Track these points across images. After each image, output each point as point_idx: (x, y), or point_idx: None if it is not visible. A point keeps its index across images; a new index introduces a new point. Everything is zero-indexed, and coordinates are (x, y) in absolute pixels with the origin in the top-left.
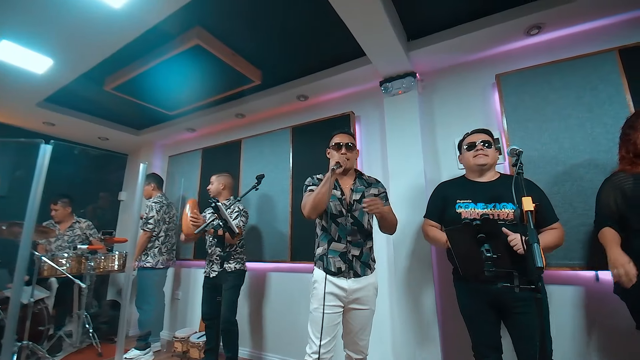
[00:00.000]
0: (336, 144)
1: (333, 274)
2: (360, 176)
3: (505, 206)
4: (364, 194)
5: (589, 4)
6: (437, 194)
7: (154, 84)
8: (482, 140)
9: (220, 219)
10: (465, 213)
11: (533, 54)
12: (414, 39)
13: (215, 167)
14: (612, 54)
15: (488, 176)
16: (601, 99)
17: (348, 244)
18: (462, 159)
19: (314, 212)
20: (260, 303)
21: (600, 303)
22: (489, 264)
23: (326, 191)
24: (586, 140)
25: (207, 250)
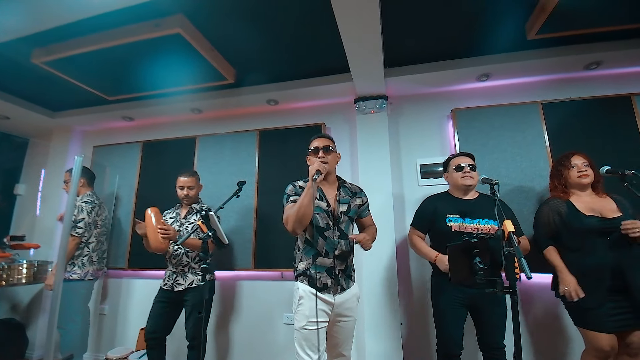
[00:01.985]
0: (314, 148)
1: (319, 290)
2: (344, 184)
3: (488, 222)
4: (350, 205)
5: (527, 64)
6: (427, 207)
7: (103, 65)
8: (469, 163)
9: (210, 229)
10: (455, 227)
11: (481, 96)
12: (390, 67)
13: (162, 165)
14: (537, 105)
15: (471, 194)
16: (528, 140)
17: (335, 259)
18: (449, 177)
19: (299, 226)
20: (221, 313)
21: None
22: (481, 274)
23: (309, 202)
24: (516, 171)
25: (170, 260)
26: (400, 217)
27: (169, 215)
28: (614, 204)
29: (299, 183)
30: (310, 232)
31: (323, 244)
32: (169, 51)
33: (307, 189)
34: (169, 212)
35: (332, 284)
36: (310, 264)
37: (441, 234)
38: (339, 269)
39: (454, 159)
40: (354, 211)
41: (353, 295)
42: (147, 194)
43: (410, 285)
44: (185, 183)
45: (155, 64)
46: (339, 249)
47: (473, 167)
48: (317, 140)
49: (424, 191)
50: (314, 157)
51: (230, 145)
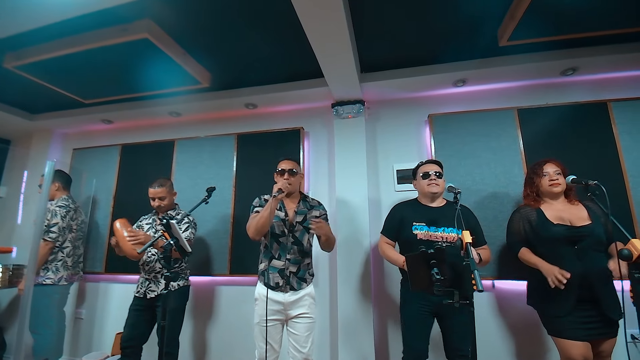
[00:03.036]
0: (281, 170)
1: (272, 289)
2: (305, 199)
3: (452, 230)
4: (306, 216)
5: (502, 70)
6: (395, 215)
7: (76, 70)
8: (435, 171)
9: (172, 237)
10: (421, 234)
11: (458, 101)
12: (367, 72)
13: (140, 168)
14: (512, 111)
15: (437, 202)
16: (502, 146)
17: (287, 261)
18: (417, 185)
19: (257, 234)
20: (198, 318)
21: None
22: (438, 285)
23: (268, 215)
24: (491, 177)
25: (143, 265)
26: (376, 223)
27: (145, 221)
28: (585, 211)
29: (265, 197)
30: (268, 238)
31: (277, 248)
32: (141, 55)
33: (268, 204)
34: (146, 218)
35: (283, 283)
36: (267, 265)
37: (408, 241)
38: (291, 271)
39: (422, 166)
40: (310, 222)
41: (305, 295)
42: (124, 198)
43: (385, 291)
44: (156, 194)
45: (128, 68)
46: (292, 253)
47: (439, 174)
48: (284, 162)
49: (401, 196)
50: (280, 178)
51: (208, 149)
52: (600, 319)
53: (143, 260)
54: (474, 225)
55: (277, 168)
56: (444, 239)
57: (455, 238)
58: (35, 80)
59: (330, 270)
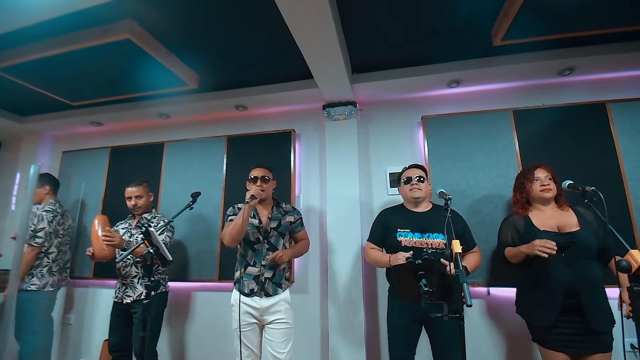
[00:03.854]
0: (253, 177)
1: (247, 295)
2: (278, 205)
3: (437, 236)
4: (280, 222)
5: (497, 70)
6: (380, 222)
7: (61, 72)
8: (417, 175)
9: (152, 246)
10: (405, 241)
11: (452, 102)
12: (358, 72)
13: (129, 171)
14: (508, 113)
15: (422, 206)
16: (498, 149)
17: (262, 267)
18: (401, 190)
19: (232, 242)
20: (183, 327)
21: (494, 312)
22: (426, 297)
23: (242, 222)
24: (485, 180)
25: (119, 270)
26: (367, 227)
27: (121, 226)
28: (575, 217)
29: (239, 205)
30: (242, 245)
31: (252, 255)
32: (124, 57)
33: (242, 210)
34: (122, 223)
35: (258, 289)
36: (242, 273)
37: (393, 248)
38: (266, 277)
39: (405, 171)
40: (285, 227)
41: (281, 300)
42: (113, 201)
43: (377, 297)
44: (132, 193)
45: (113, 69)
46: (267, 259)
47: (421, 178)
48: (256, 170)
49: (393, 199)
50: (252, 185)
51: (198, 152)
52: (584, 331)
53: (119, 265)
54: (462, 229)
55: (249, 175)
56: (430, 246)
57: (439, 244)
58: (20, 82)
59: (320, 276)
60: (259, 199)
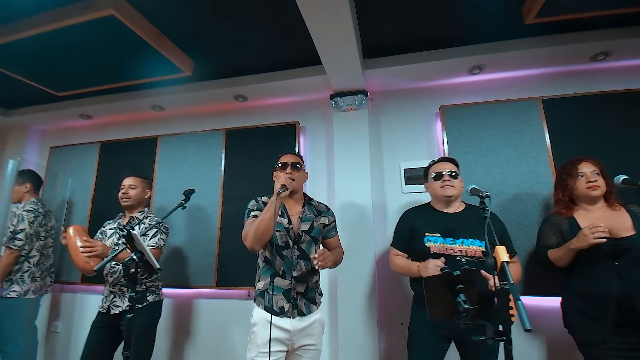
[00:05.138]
0: (282, 164)
1: (276, 314)
2: (310, 202)
3: (473, 242)
4: (313, 224)
5: (524, 55)
6: (404, 224)
7: (40, 56)
8: (449, 170)
9: (135, 251)
10: (434, 247)
11: (473, 91)
12: (370, 58)
13: (120, 167)
14: (536, 102)
15: (454, 207)
16: (526, 141)
17: (293, 280)
18: (429, 187)
19: (258, 243)
20: (179, 337)
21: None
22: (466, 316)
23: (270, 218)
24: (513, 177)
25: (107, 277)
26: (381, 229)
27: (109, 226)
28: (630, 219)
29: (262, 199)
30: (269, 250)
31: (281, 264)
32: (111, 38)
33: (270, 203)
34: (110, 223)
35: (289, 307)
36: (268, 285)
37: (420, 255)
38: (298, 292)
39: (433, 165)
40: (318, 230)
41: (315, 322)
42: (103, 200)
43: (393, 309)
44: (127, 182)
45: (98, 53)
46: (298, 270)
47: (454, 174)
48: (286, 156)
49: (409, 199)
50: (282, 173)
51: (194, 147)
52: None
53: (107, 270)
54: (500, 234)
55: (278, 162)
56: (463, 253)
57: (476, 251)
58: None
59: (329, 286)
60: (290, 189)
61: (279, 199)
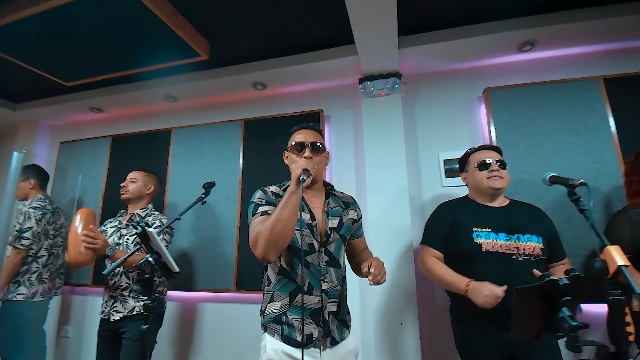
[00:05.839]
0: (297, 143)
1: (298, 346)
2: (332, 192)
3: (531, 239)
4: (342, 219)
5: (582, 28)
6: (442, 217)
7: (44, 39)
8: (497, 159)
9: (152, 252)
10: (486, 245)
11: (522, 71)
12: (406, 35)
13: (132, 162)
14: (598, 82)
15: (499, 201)
16: (588, 126)
17: (323, 294)
18: (469, 178)
19: (273, 251)
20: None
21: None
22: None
23: (291, 215)
24: (574, 167)
25: (107, 280)
26: (419, 229)
27: (109, 225)
28: None
29: (272, 188)
30: (286, 257)
31: (305, 275)
32: (120, 15)
33: (289, 194)
34: (111, 221)
35: (320, 335)
36: (288, 306)
37: (466, 254)
38: (330, 312)
39: (474, 153)
40: (347, 227)
41: (349, 353)
42: (115, 196)
43: (435, 313)
44: (129, 176)
45: (107, 34)
46: (328, 280)
47: (502, 163)
48: (301, 132)
49: (450, 193)
50: (299, 155)
51: (210, 139)
52: None
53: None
54: (554, 233)
55: (290, 142)
56: (521, 251)
57: (534, 249)
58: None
59: (360, 293)
60: (314, 174)
61: (300, 190)
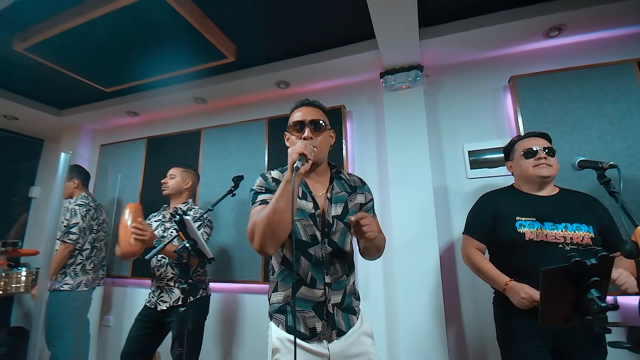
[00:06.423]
0: (296, 122)
1: (304, 338)
2: (339, 175)
3: (580, 228)
4: (347, 205)
5: (612, 10)
6: (485, 207)
7: (87, 48)
8: (545, 146)
9: (188, 239)
10: (530, 234)
11: (550, 57)
12: (427, 26)
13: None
14: (630, 65)
15: (548, 189)
16: (622, 112)
17: (327, 287)
18: (515, 167)
19: (270, 243)
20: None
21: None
22: (602, 317)
23: (287, 205)
24: (608, 155)
25: (153, 271)
26: (444, 221)
27: (154, 219)
28: None
29: (273, 174)
30: (288, 248)
31: (307, 267)
32: (154, 23)
33: (284, 183)
34: (155, 215)
35: (324, 328)
36: (290, 297)
37: (508, 245)
38: (334, 304)
39: (520, 141)
40: (353, 213)
41: (360, 335)
42: (150, 193)
43: (461, 305)
44: (168, 172)
45: (142, 41)
46: (332, 272)
47: (551, 150)
48: (301, 110)
49: (475, 185)
50: (298, 136)
51: (236, 138)
52: None
53: (153, 264)
54: (609, 222)
55: (290, 121)
56: (568, 240)
57: (583, 238)
58: (49, 64)
59: (385, 288)
60: (311, 161)
61: (298, 176)
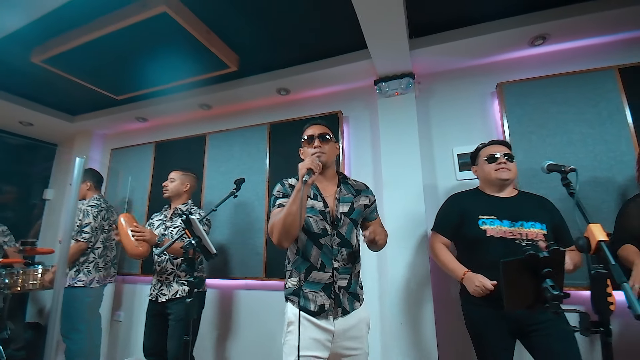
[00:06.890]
0: (308, 137)
1: (314, 314)
2: (345, 180)
3: (534, 225)
4: (352, 205)
5: (594, 19)
6: (452, 207)
7: (99, 59)
8: (505, 153)
9: (193, 236)
10: (491, 230)
11: (534, 65)
12: (417, 37)
13: (172, 165)
14: (612, 71)
15: (507, 191)
16: (602, 117)
17: (334, 272)
18: (479, 171)
19: (285, 239)
20: (224, 330)
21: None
22: (556, 303)
23: (298, 210)
24: (588, 158)
25: (155, 266)
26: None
27: (156, 218)
28: None
29: (289, 181)
30: (302, 240)
31: (318, 254)
32: (162, 37)
33: (296, 192)
34: (157, 215)
35: (331, 305)
36: (303, 281)
37: (472, 240)
38: (340, 286)
39: (484, 148)
40: (358, 212)
41: (360, 321)
42: (159, 195)
43: (450, 303)
44: (169, 176)
45: (151, 53)
46: (340, 259)
47: (510, 156)
48: (311, 127)
49: (463, 186)
50: (308, 148)
51: (239, 142)
52: None
53: (155, 259)
54: (559, 220)
55: (303, 136)
56: (524, 236)
57: (537, 235)
58: (64, 75)
59: (379, 280)
60: (318, 172)
61: (307, 186)
